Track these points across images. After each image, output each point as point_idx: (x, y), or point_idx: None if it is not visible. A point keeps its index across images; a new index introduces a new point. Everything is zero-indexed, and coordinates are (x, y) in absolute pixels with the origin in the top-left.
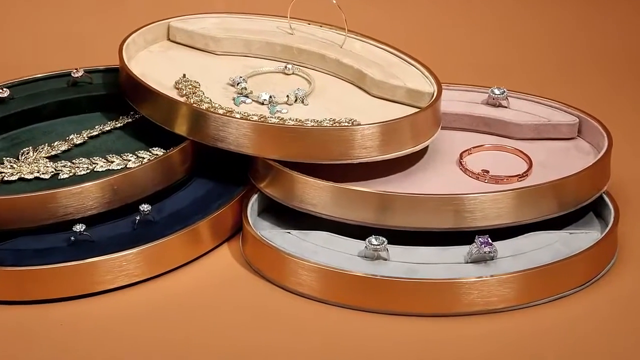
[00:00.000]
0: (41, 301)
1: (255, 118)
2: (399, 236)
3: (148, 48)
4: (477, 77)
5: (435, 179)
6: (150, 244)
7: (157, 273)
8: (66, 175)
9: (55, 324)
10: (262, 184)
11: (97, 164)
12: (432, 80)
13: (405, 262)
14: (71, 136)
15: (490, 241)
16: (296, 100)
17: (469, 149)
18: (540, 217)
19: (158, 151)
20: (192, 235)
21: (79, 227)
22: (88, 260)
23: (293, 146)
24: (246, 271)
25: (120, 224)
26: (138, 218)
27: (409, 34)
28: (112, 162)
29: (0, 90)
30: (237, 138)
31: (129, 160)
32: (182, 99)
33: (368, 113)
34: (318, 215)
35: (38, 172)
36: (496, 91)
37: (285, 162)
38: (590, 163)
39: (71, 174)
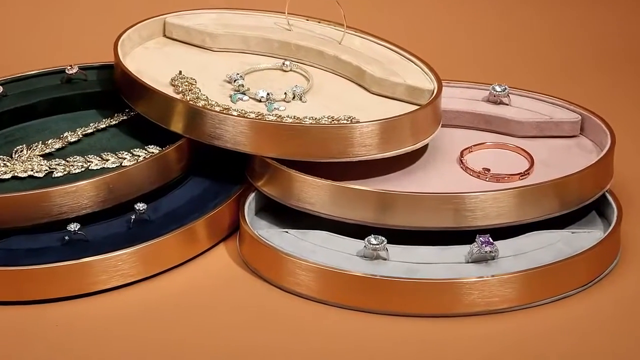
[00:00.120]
0: (35, 301)
1: (252, 115)
2: (399, 235)
3: (144, 44)
4: (478, 74)
5: (435, 178)
6: (145, 244)
7: (153, 273)
8: (60, 173)
9: (49, 325)
10: (260, 183)
11: (92, 162)
12: (432, 77)
13: (405, 262)
14: (65, 134)
15: (491, 240)
16: (294, 97)
17: (470, 147)
18: (542, 216)
19: (154, 149)
20: (189, 234)
21: (74, 227)
22: (83, 260)
23: (291, 144)
24: (243, 271)
25: (115, 223)
26: (133, 217)
27: (409, 30)
28: (107, 161)
29: None
30: (234, 136)
31: (124, 158)
32: (178, 96)
33: (367, 110)
34: (316, 214)
35: (32, 171)
36: (497, 88)
37: (283, 160)
38: (592, 161)
39: (65, 173)
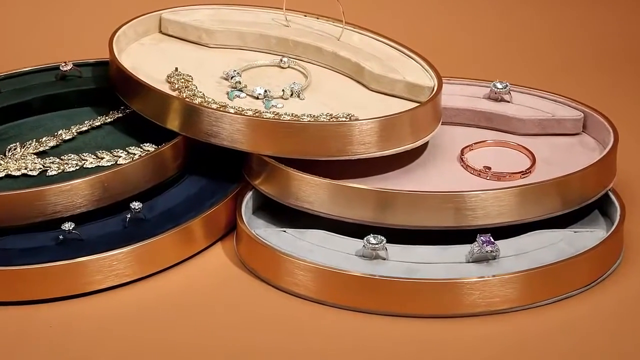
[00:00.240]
0: (29, 302)
1: (249, 113)
2: (398, 235)
3: (139, 40)
4: (479, 71)
5: (435, 176)
6: (141, 243)
7: (149, 273)
8: (54, 172)
9: (43, 326)
10: (257, 181)
11: (87, 161)
12: (433, 73)
13: (404, 262)
14: (60, 132)
15: (492, 240)
16: (292, 94)
17: (471, 145)
18: (543, 215)
19: (149, 147)
20: (185, 234)
21: (68, 226)
22: (77, 259)
23: (289, 142)
24: (240, 271)
25: (110, 223)
26: (129, 216)
27: (409, 26)
28: (102, 159)
29: None
30: (231, 133)
31: (120, 156)
32: (174, 93)
33: (366, 108)
34: (314, 213)
35: (25, 169)
36: (498, 85)
37: (280, 159)
38: (595, 159)
39: (60, 171)
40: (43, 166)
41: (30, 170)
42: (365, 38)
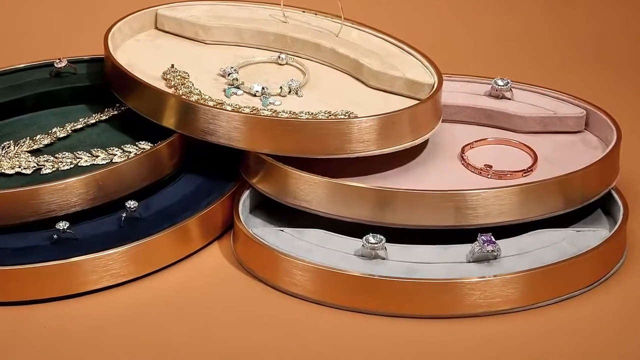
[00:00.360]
0: (23, 302)
1: (247, 110)
2: (398, 234)
3: (135, 37)
4: (480, 68)
5: (435, 174)
6: (137, 243)
7: (145, 273)
8: (49, 170)
9: (37, 326)
10: (254, 180)
11: (82, 159)
12: (433, 70)
13: (404, 262)
14: (54, 129)
15: (493, 239)
16: (290, 91)
17: (471, 143)
18: (545, 214)
19: (145, 145)
20: (181, 233)
21: (62, 225)
22: (72, 259)
23: (286, 140)
24: (237, 271)
25: (105, 222)
26: (124, 215)
27: (408, 22)
28: (97, 157)
29: None
30: (228, 131)
31: (115, 154)
32: (171, 91)
33: (365, 105)
34: (313, 212)
35: (19, 167)
36: (500, 82)
37: (278, 157)
38: (598, 157)
39: (54, 169)
40: (37, 164)
41: (24, 168)
42: (364, 34)
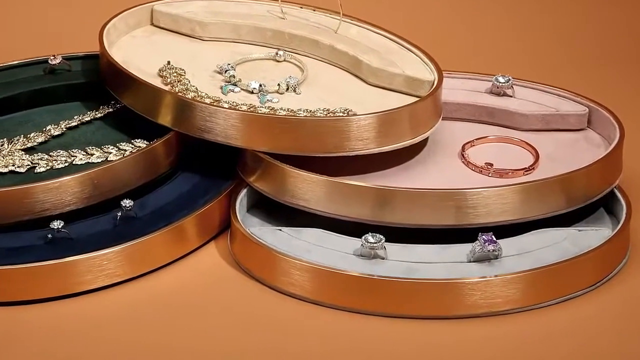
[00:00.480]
0: (16, 303)
1: (244, 108)
2: (397, 233)
3: (130, 33)
4: (481, 64)
5: (435, 173)
6: (132, 242)
7: (140, 273)
8: (43, 168)
9: (31, 327)
10: (252, 178)
11: (76, 157)
12: (433, 67)
13: (403, 261)
14: (48, 127)
15: (494, 239)
16: (288, 89)
17: (472, 141)
18: (547, 214)
19: (141, 143)
20: (177, 232)
21: (57, 224)
22: (66, 259)
23: (284, 138)
24: (235, 271)
25: (100, 221)
26: (120, 214)
27: (408, 18)
28: (92, 155)
29: None
30: (225, 129)
31: (110, 152)
32: (167, 88)
33: (364, 102)
34: (311, 211)
35: (13, 166)
36: (501, 79)
37: (276, 155)
38: (600, 156)
39: (48, 168)
40: (31, 163)
41: (17, 166)
42: (363, 30)
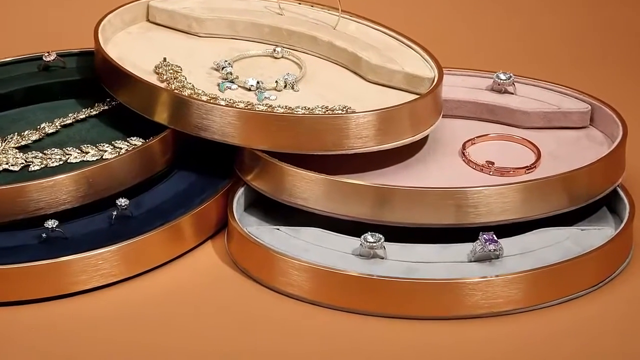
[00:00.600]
0: (10, 303)
1: (241, 105)
2: (397, 233)
3: (126, 29)
4: (481, 61)
5: (436, 171)
6: (128, 241)
7: (136, 273)
8: (37, 167)
9: (25, 328)
10: (249, 177)
11: (71, 155)
12: (433, 64)
13: (403, 261)
14: (43, 125)
15: (495, 238)
16: (286, 86)
17: (473, 139)
18: (549, 213)
19: (136, 141)
20: (174, 231)
21: (51, 223)
22: (61, 258)
23: (282, 136)
24: (232, 270)
25: (95, 220)
26: (115, 213)
27: (408, 14)
28: (87, 153)
29: None
30: (222, 127)
31: (105, 150)
32: (163, 85)
33: (363, 100)
34: (309, 210)
35: (7, 164)
36: (502, 76)
37: (274, 153)
38: (603, 154)
39: (43, 166)
40: (25, 161)
41: (11, 165)
42: (362, 27)
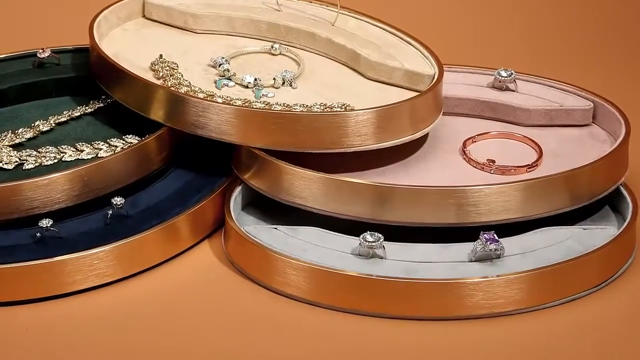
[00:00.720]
0: (4, 303)
1: (238, 103)
2: (397, 232)
3: (121, 26)
4: (482, 58)
5: (436, 170)
6: (123, 241)
7: (132, 272)
8: (31, 165)
9: (20, 329)
10: (247, 175)
11: (66, 153)
12: (433, 61)
13: (403, 261)
14: (37, 122)
15: (496, 238)
16: (284, 83)
17: (473, 137)
18: (551, 212)
19: (132, 139)
20: (170, 231)
21: (46, 222)
22: (56, 258)
23: (280, 134)
24: (229, 270)
25: (90, 219)
26: (110, 212)
27: (407, 11)
28: (82, 151)
29: None
30: (219, 125)
31: (101, 149)
32: (159, 82)
33: (362, 97)
34: (308, 209)
35: (1, 162)
36: (503, 73)
37: (271, 151)
38: (606, 152)
39: (37, 164)
40: (19, 159)
41: (5, 163)
42: (361, 23)
